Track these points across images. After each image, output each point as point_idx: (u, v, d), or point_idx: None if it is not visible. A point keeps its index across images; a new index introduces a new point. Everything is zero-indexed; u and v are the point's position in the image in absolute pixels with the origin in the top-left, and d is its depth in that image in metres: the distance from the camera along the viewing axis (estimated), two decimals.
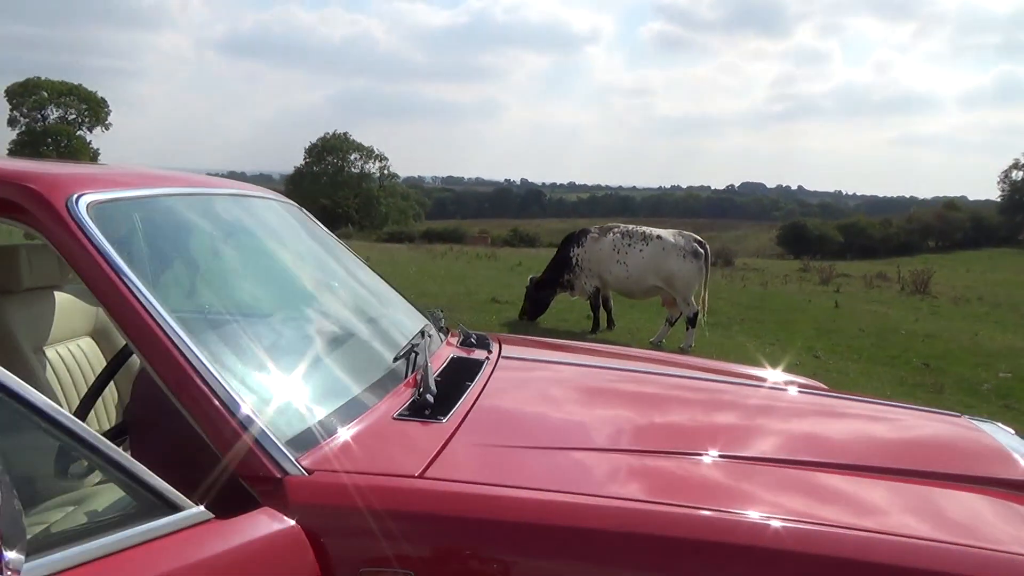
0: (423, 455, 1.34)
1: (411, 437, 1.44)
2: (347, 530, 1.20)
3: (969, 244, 47.01)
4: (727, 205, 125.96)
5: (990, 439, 1.89)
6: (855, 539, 1.24)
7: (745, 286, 16.57)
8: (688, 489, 1.45)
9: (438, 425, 1.50)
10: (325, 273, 2.26)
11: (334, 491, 1.23)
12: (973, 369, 8.28)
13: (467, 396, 1.70)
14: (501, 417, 1.71)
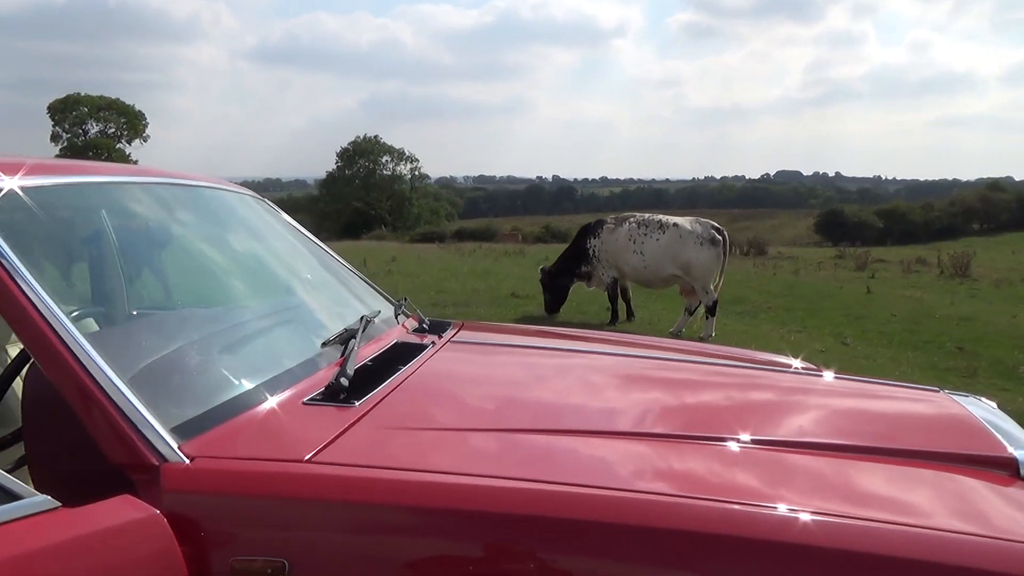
0: (319, 440, 1.26)
1: (314, 422, 1.36)
2: (223, 518, 1.13)
3: (1015, 226, 45.55)
4: (762, 194, 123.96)
5: (968, 414, 1.75)
6: (817, 524, 1.14)
7: (775, 274, 16.23)
8: (615, 470, 1.35)
9: (348, 409, 1.42)
10: (266, 262, 2.20)
11: (213, 478, 1.16)
12: (1010, 352, 7.96)
13: (392, 380, 1.62)
14: (422, 400, 1.63)
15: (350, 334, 1.73)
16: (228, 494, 1.14)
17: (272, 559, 1.09)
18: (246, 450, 1.22)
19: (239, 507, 1.13)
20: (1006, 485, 1.45)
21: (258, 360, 1.57)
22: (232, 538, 1.11)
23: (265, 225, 2.35)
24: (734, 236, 25.00)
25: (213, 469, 1.17)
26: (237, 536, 1.12)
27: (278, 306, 2.01)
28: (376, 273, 14.79)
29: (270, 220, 2.38)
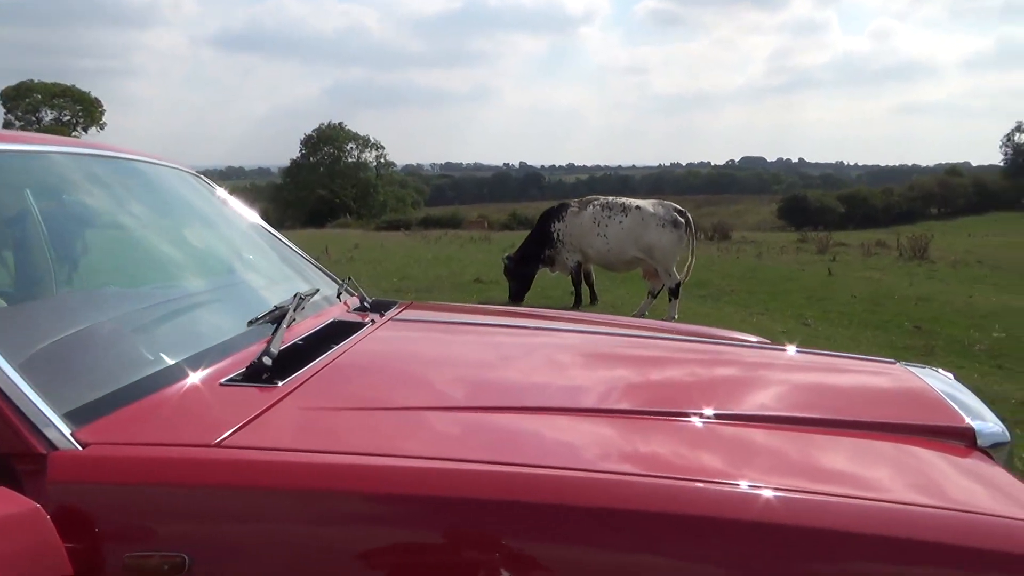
0: (232, 422, 1.15)
1: (230, 404, 1.25)
2: (117, 511, 1.02)
3: (972, 210, 46.66)
4: (727, 180, 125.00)
5: (925, 386, 1.70)
6: (780, 501, 1.08)
7: (739, 258, 16.32)
8: (570, 449, 1.27)
9: (269, 390, 1.31)
10: (199, 240, 2.08)
11: (107, 466, 1.05)
12: (966, 330, 8.08)
13: (323, 359, 1.52)
14: (353, 379, 1.52)
15: (281, 312, 1.61)
16: (124, 484, 1.03)
17: (170, 554, 0.98)
18: (149, 435, 1.11)
19: (136, 498, 1.02)
20: (963, 456, 1.41)
21: (176, 340, 1.45)
22: (127, 532, 1.00)
23: (200, 202, 2.23)
24: (699, 222, 25.14)
25: (108, 456, 1.06)
26: (132, 530, 1.01)
27: (208, 285, 1.89)
28: (338, 260, 14.57)
29: (206, 197, 2.25)
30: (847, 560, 1.03)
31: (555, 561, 1.03)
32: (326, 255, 15.41)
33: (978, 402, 1.64)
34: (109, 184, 1.90)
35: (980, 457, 1.41)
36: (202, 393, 1.27)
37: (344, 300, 2.15)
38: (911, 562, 1.04)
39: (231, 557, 1.01)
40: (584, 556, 1.03)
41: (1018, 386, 5.93)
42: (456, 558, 1.03)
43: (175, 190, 2.15)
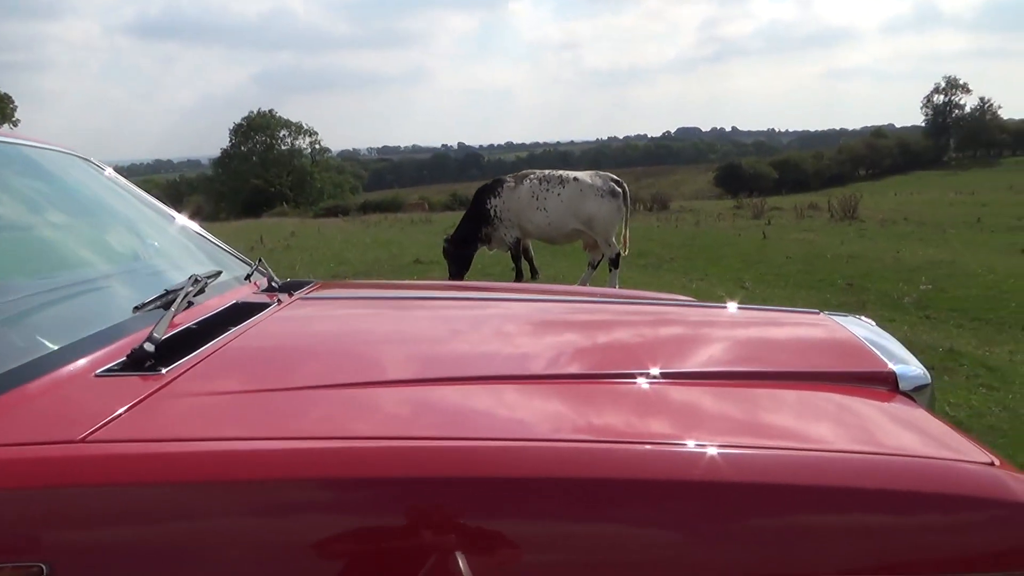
0: (102, 415, 1.04)
1: (104, 395, 1.13)
2: None
3: (898, 169, 48.27)
4: (664, 152, 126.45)
5: (847, 333, 1.68)
6: (684, 456, 1.06)
7: (677, 227, 16.51)
8: (455, 418, 1.20)
9: (151, 378, 1.20)
10: (86, 225, 1.93)
11: None
12: (895, 284, 8.32)
13: (217, 342, 1.41)
14: (245, 361, 1.41)
15: (172, 296, 1.49)
16: None
17: (25, 564, 0.87)
18: (6, 435, 0.99)
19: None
20: (887, 400, 1.39)
21: (49, 331, 1.31)
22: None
23: (89, 186, 2.07)
24: (639, 193, 25.47)
25: None
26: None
27: (98, 272, 1.75)
28: (274, 249, 14.21)
29: (97, 181, 2.10)
30: (786, 513, 1.01)
31: (505, 536, 0.97)
32: (261, 244, 15.01)
33: (899, 346, 1.62)
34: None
35: (903, 400, 1.40)
36: (72, 386, 1.15)
37: (254, 281, 2.03)
38: (845, 510, 1.02)
39: (95, 561, 0.91)
40: (539, 529, 0.98)
41: (945, 335, 6.12)
42: (363, 546, 0.95)
43: (60, 174, 1.99)
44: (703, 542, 0.99)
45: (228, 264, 2.12)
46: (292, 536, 0.94)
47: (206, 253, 2.15)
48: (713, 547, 0.99)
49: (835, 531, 1.01)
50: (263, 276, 2.07)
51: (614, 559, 0.98)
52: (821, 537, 1.01)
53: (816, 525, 1.01)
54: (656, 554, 0.98)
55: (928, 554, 1.02)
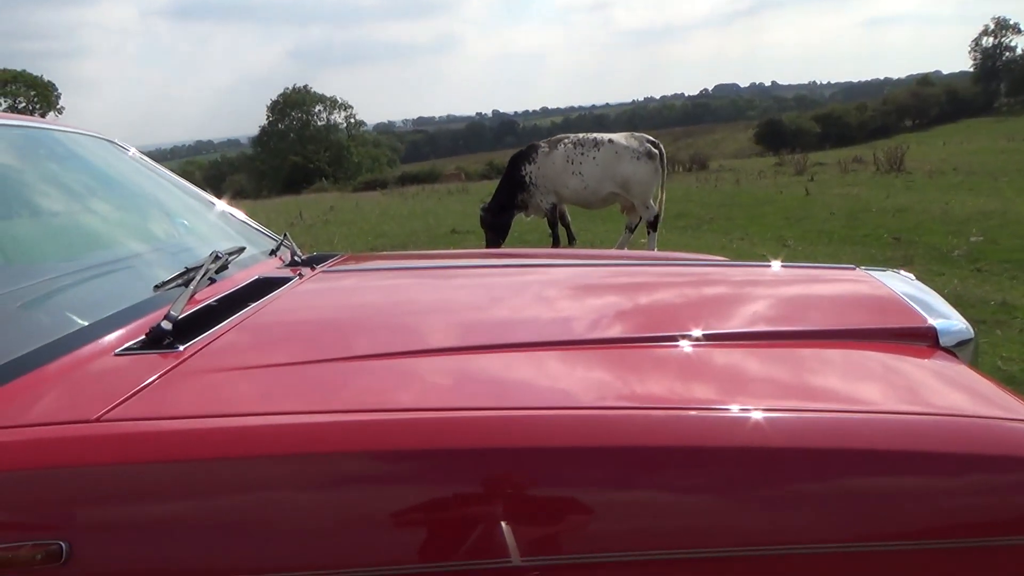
0: (120, 393, 1.05)
1: (122, 374, 1.14)
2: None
3: (946, 118, 46.61)
4: (702, 111, 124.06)
5: (884, 289, 1.62)
6: (723, 421, 1.03)
7: (717, 186, 16.21)
8: (492, 389, 1.17)
9: (169, 355, 1.20)
10: (110, 207, 1.94)
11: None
12: (944, 237, 8.05)
13: (236, 317, 1.40)
14: (264, 336, 1.41)
15: (193, 274, 1.49)
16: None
17: (44, 542, 0.88)
18: (26, 415, 1.00)
19: (4, 484, 0.91)
20: (927, 357, 1.33)
21: (69, 312, 1.32)
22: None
23: (116, 168, 2.08)
24: (676, 154, 25.03)
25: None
26: (3, 521, 0.90)
27: (124, 252, 1.76)
28: (313, 224, 14.35)
29: (123, 162, 2.11)
30: (833, 477, 0.99)
31: (551, 506, 0.96)
32: (300, 220, 15.17)
33: (940, 301, 1.56)
34: (14, 154, 1.76)
35: (945, 357, 1.34)
36: (93, 365, 1.16)
37: (279, 256, 2.03)
38: (893, 472, 0.99)
39: (114, 538, 0.91)
40: (585, 497, 0.96)
41: (997, 288, 5.91)
42: (399, 520, 0.94)
43: (85, 156, 2.00)
44: (751, 508, 0.97)
45: (254, 240, 2.12)
46: (309, 511, 0.93)
47: (234, 229, 2.15)
48: (762, 513, 0.97)
49: (882, 494, 0.98)
50: (288, 251, 2.07)
51: (660, 527, 0.96)
52: (867, 501, 0.98)
53: (863, 489, 0.99)
54: (703, 521, 0.97)
55: (976, 516, 0.99)
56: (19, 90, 52.03)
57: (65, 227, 1.75)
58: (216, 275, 1.60)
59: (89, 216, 1.84)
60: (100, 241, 1.77)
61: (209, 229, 2.10)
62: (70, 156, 1.96)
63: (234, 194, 31.13)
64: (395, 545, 0.93)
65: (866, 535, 0.96)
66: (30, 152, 1.82)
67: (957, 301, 4.08)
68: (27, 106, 52.13)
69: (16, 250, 1.58)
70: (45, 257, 1.61)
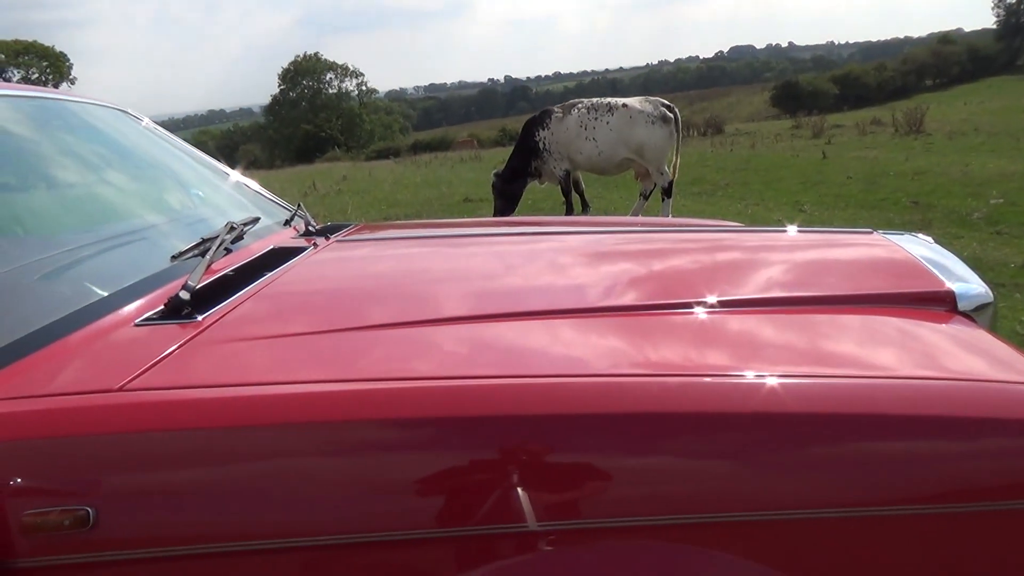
0: (141, 363, 1.06)
1: (142, 344, 1.15)
2: (12, 468, 0.93)
3: (967, 77, 45.62)
4: (717, 73, 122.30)
5: (902, 252, 1.60)
6: (738, 387, 1.03)
7: (732, 151, 16.03)
8: (506, 356, 1.18)
9: (188, 325, 1.22)
10: (127, 178, 1.95)
11: (1, 422, 0.95)
12: (963, 200, 7.94)
13: (251, 288, 1.42)
14: (279, 306, 1.42)
15: (209, 244, 1.50)
16: (19, 439, 0.94)
17: (72, 508, 0.91)
18: (50, 385, 1.02)
19: (32, 452, 0.94)
20: (946, 321, 1.32)
21: (93, 282, 1.34)
22: (23, 490, 0.92)
23: (130, 138, 2.09)
24: (692, 118, 24.74)
25: (4, 412, 0.97)
26: (29, 486, 0.93)
27: (141, 223, 1.77)
28: (326, 194, 14.37)
29: (137, 132, 2.11)
30: (849, 442, 0.99)
31: (567, 472, 0.97)
32: (314, 190, 15.18)
33: (959, 264, 1.54)
34: (30, 126, 1.77)
35: (963, 321, 1.33)
36: (114, 335, 1.18)
37: (293, 226, 2.04)
38: (911, 437, 1.00)
39: (138, 504, 0.93)
40: (601, 463, 0.98)
41: (1017, 250, 5.84)
42: (421, 489, 0.95)
43: (100, 127, 2.01)
44: (767, 474, 0.98)
45: (269, 210, 2.13)
46: (328, 478, 0.95)
47: (248, 200, 2.16)
48: (778, 479, 0.98)
49: (900, 459, 0.99)
50: (303, 221, 2.08)
51: (675, 492, 0.97)
52: (884, 466, 0.98)
53: (880, 454, 0.99)
54: (719, 486, 0.97)
55: (995, 480, 0.99)
56: (32, 61, 52.06)
57: (81, 198, 1.76)
58: (232, 245, 1.61)
59: (105, 187, 1.85)
60: (116, 212, 1.79)
61: (223, 199, 2.10)
62: (84, 127, 1.96)
63: (247, 164, 31.19)
64: (413, 511, 0.94)
65: (883, 500, 0.97)
66: (45, 124, 1.83)
67: (976, 264, 4.04)
68: (39, 77, 52.18)
69: (34, 222, 1.60)
70: (63, 229, 1.63)
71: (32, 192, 1.70)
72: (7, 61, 51.23)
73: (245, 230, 1.70)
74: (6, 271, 1.26)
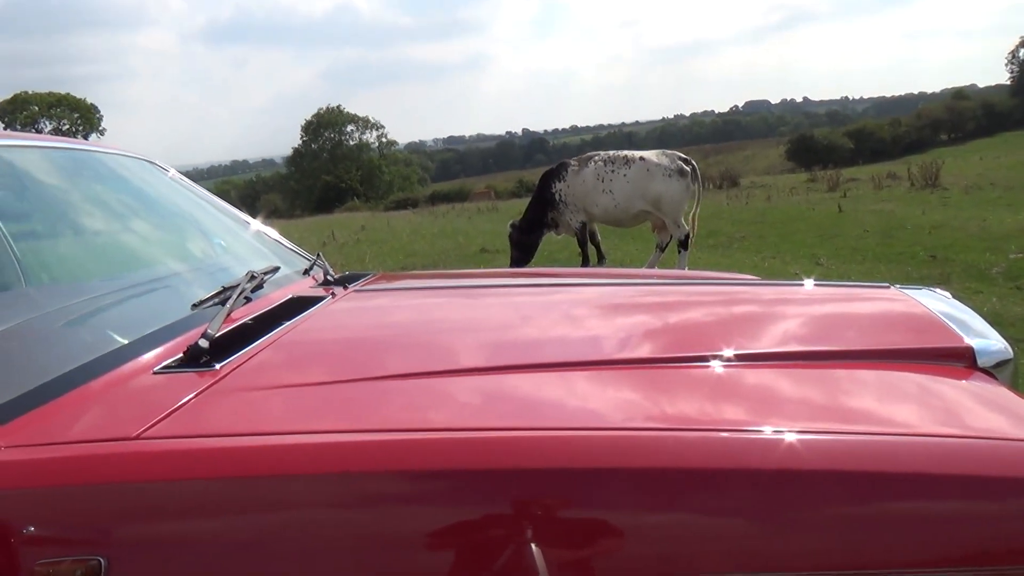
0: (158, 411, 1.07)
1: (160, 392, 1.16)
2: (27, 516, 0.94)
3: (982, 132, 45.78)
4: (732, 127, 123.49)
5: (919, 307, 1.59)
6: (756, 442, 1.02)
7: (748, 203, 16.08)
8: (513, 408, 1.18)
9: (206, 374, 1.23)
10: (152, 227, 1.99)
11: (15, 470, 0.96)
12: (982, 255, 7.89)
13: (268, 337, 1.43)
14: (296, 355, 1.43)
15: (229, 292, 1.52)
16: (34, 487, 0.95)
17: (83, 558, 0.90)
18: (67, 433, 1.03)
19: (47, 500, 0.94)
20: (965, 378, 1.31)
21: (110, 330, 1.36)
22: (37, 539, 0.92)
23: (156, 188, 2.14)
24: (707, 171, 24.88)
25: (17, 460, 0.97)
26: (43, 535, 0.93)
27: (164, 271, 1.81)
28: (345, 243, 14.52)
29: (163, 182, 2.17)
30: (868, 502, 0.97)
31: (581, 527, 0.96)
32: (332, 239, 15.36)
33: (978, 319, 1.52)
34: (60, 176, 1.82)
35: (983, 378, 1.31)
36: (133, 383, 1.19)
37: (312, 276, 2.07)
38: (932, 497, 0.98)
39: (151, 554, 0.93)
40: (615, 519, 0.96)
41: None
42: (425, 544, 0.94)
43: (127, 177, 2.06)
44: (785, 532, 0.96)
45: (289, 259, 2.16)
46: (342, 530, 0.95)
47: (268, 249, 2.19)
48: (795, 537, 0.95)
49: (920, 519, 0.97)
50: (321, 270, 2.10)
51: (692, 550, 0.95)
52: (904, 526, 0.96)
53: (901, 513, 0.97)
54: (736, 544, 0.95)
55: (1018, 542, 0.96)
56: (64, 113, 53.53)
57: (107, 246, 1.80)
58: (252, 294, 1.63)
59: (130, 235, 1.89)
60: (141, 260, 1.82)
61: (245, 248, 2.14)
62: (112, 177, 2.01)
63: (268, 213, 31.69)
64: (427, 565, 0.93)
65: (904, 561, 0.94)
66: (74, 173, 1.88)
67: (996, 320, 3.99)
68: (70, 128, 53.59)
69: (60, 269, 1.63)
70: (88, 276, 1.66)
71: (59, 240, 1.74)
72: (40, 113, 52.72)
73: (265, 279, 1.72)
74: (31, 318, 1.28)
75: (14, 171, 1.69)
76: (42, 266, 1.56)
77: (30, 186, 1.76)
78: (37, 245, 1.64)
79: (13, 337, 1.24)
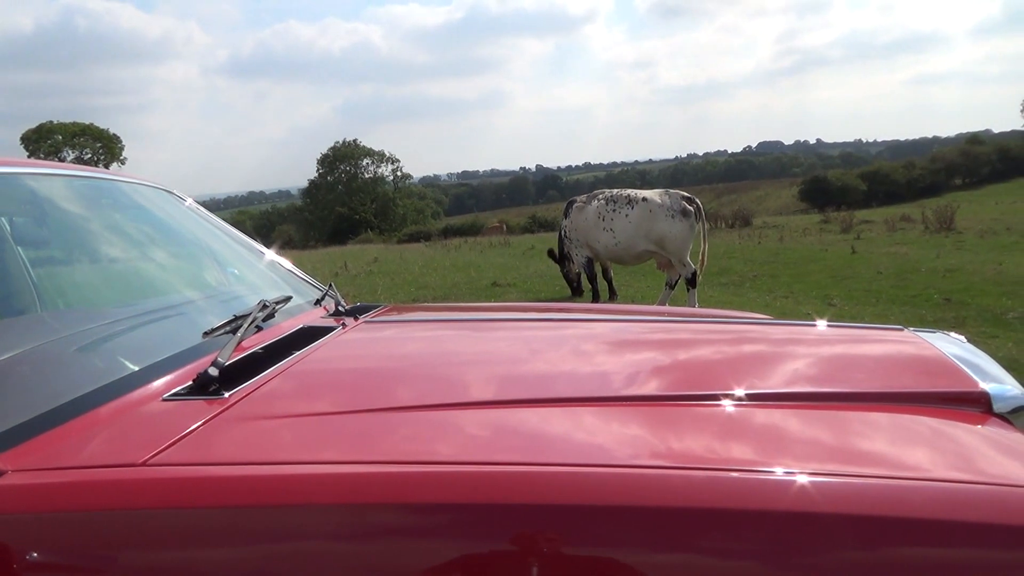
0: (166, 439, 1.07)
1: (169, 419, 1.16)
2: (31, 541, 0.93)
3: (997, 177, 45.74)
4: (745, 167, 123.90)
5: (934, 351, 1.57)
6: (763, 483, 1.00)
7: (760, 243, 16.07)
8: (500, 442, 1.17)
9: (215, 402, 1.23)
10: (167, 255, 2.01)
11: (22, 494, 0.96)
12: (997, 299, 7.83)
13: (278, 366, 1.43)
14: (305, 385, 1.43)
15: (240, 321, 1.53)
16: (41, 512, 0.94)
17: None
18: (74, 458, 1.03)
19: (53, 525, 0.94)
20: (980, 423, 1.29)
21: (121, 357, 1.37)
22: (41, 565, 0.92)
23: (173, 217, 2.16)
24: (720, 210, 24.97)
25: (24, 485, 0.97)
26: (48, 562, 0.92)
27: (178, 299, 1.82)
28: (357, 275, 14.58)
29: (180, 212, 2.19)
30: (878, 547, 0.94)
31: (586, 565, 0.95)
32: (345, 270, 15.43)
33: (993, 364, 1.51)
34: (79, 203, 1.84)
35: (999, 423, 1.29)
36: (142, 409, 1.19)
37: (323, 306, 2.08)
38: (945, 544, 0.96)
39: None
40: (620, 557, 0.94)
41: None
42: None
43: (145, 206, 2.09)
44: (792, 575, 0.94)
45: (301, 289, 2.17)
46: (347, 561, 0.94)
47: (281, 279, 2.21)
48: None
49: (932, 566, 0.95)
50: (333, 300, 2.11)
51: None
52: (917, 572, 0.94)
53: (912, 560, 0.95)
54: None
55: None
56: (86, 142, 54.40)
57: (123, 273, 1.82)
58: (263, 323, 1.64)
59: (145, 263, 1.91)
60: (155, 287, 1.84)
61: (258, 278, 2.15)
62: (131, 206, 2.04)
63: (282, 244, 31.98)
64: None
65: None
66: (94, 201, 1.90)
67: (1012, 365, 3.95)
68: (92, 157, 54.42)
69: (77, 295, 1.65)
70: (103, 302, 1.67)
71: (76, 266, 1.76)
72: (64, 142, 53.62)
73: (277, 308, 1.73)
74: (44, 343, 1.29)
75: (35, 198, 1.72)
76: (58, 291, 1.57)
77: (50, 212, 1.79)
78: (54, 270, 1.66)
79: (25, 361, 1.24)
